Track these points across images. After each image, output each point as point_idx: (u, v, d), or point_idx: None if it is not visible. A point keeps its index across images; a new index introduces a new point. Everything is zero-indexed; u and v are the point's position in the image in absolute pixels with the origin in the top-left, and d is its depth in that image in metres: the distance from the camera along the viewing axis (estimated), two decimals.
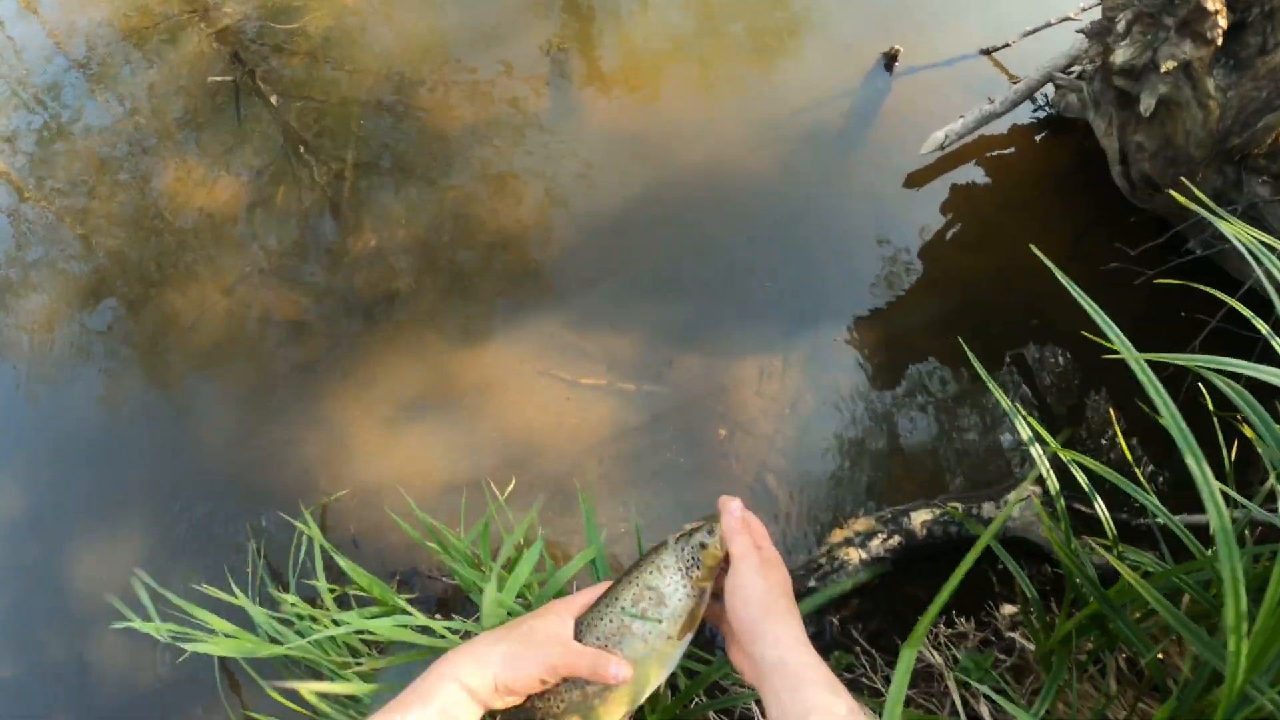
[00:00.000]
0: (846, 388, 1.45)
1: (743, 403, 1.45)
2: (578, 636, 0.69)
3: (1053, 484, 0.88)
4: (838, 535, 1.26)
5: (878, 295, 1.56)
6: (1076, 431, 1.38)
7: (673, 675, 0.75)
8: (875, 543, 1.23)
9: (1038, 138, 1.78)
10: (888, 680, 1.12)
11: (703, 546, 0.73)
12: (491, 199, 1.79)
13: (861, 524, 1.26)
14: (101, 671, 1.34)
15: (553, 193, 1.79)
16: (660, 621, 0.71)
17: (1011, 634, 1.16)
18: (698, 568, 0.72)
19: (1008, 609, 1.19)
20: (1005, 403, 0.87)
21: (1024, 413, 0.88)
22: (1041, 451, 0.88)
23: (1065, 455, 0.84)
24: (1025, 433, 0.87)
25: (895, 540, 1.23)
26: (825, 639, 1.20)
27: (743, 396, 1.46)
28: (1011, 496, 1.29)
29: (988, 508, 1.27)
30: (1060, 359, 1.47)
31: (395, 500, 1.41)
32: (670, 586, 0.72)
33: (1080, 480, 0.86)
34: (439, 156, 1.88)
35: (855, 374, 1.46)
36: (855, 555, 1.22)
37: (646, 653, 0.70)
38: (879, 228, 1.65)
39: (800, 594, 1.21)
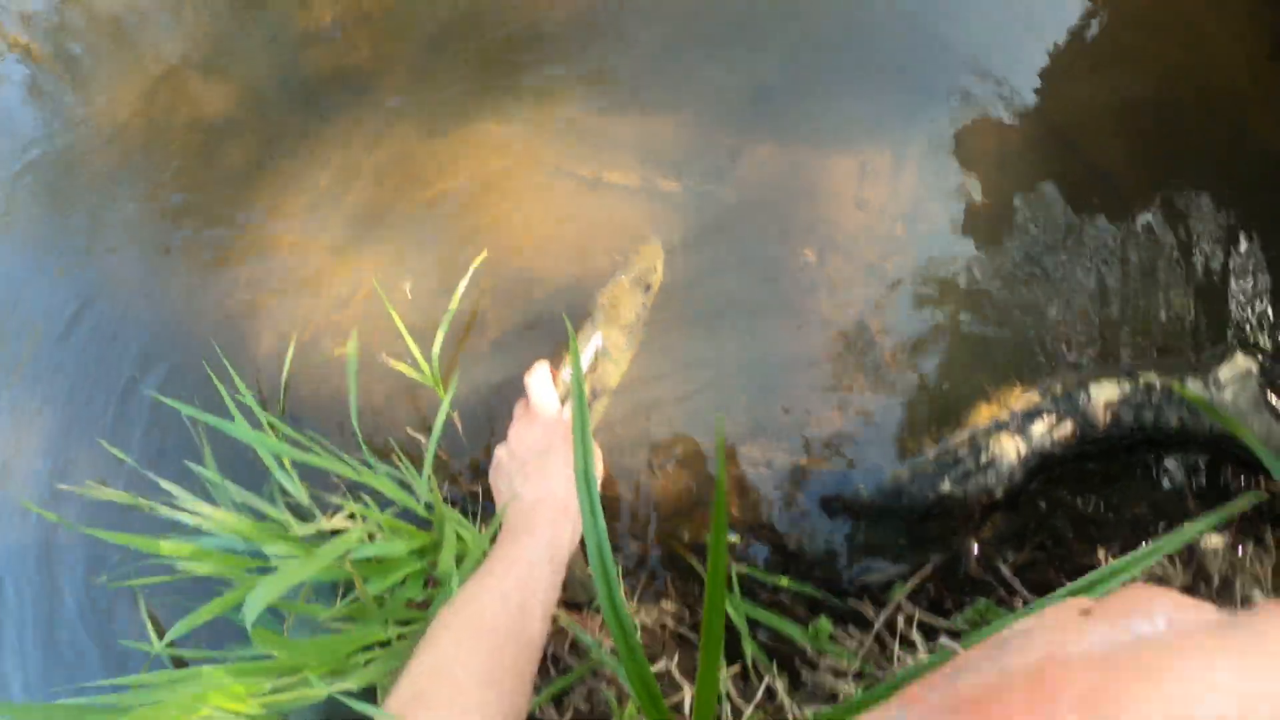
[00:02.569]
0: (986, 199, 1.00)
1: (838, 214, 1.00)
2: None
3: None
4: (983, 413, 0.85)
5: (1036, 62, 1.07)
6: None
7: None
8: (1039, 428, 0.83)
9: None
10: None
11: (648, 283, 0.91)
12: None
13: (1019, 398, 0.85)
14: None
15: None
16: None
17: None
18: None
19: (1214, 540, 0.82)
20: None
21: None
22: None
23: None
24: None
25: (1068, 427, 0.83)
26: (960, 572, 0.82)
27: (838, 205, 1.00)
28: (1223, 374, 0.88)
29: (1193, 386, 0.86)
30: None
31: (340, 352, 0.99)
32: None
33: None
34: None
35: (997, 179, 1.01)
36: (1011, 446, 0.82)
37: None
38: None
39: (922, 508, 0.82)
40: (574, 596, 0.83)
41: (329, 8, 1.22)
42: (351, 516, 0.82)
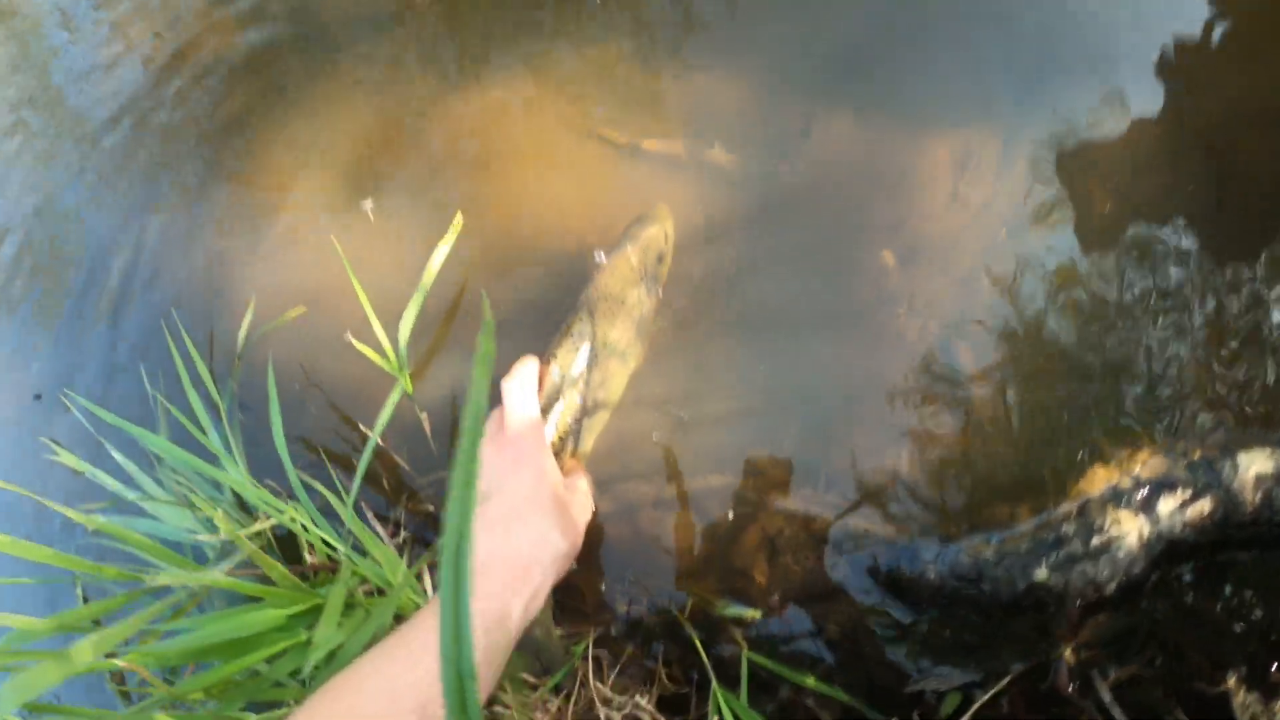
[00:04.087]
0: (1110, 211, 0.81)
1: (929, 211, 0.81)
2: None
3: None
4: (1098, 479, 0.67)
5: (1189, 56, 0.87)
6: None
7: None
8: (1168, 504, 0.65)
9: None
10: None
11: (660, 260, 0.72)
12: None
13: (1145, 463, 0.67)
14: None
15: None
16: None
17: None
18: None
19: None
20: None
21: None
22: None
23: None
24: None
25: (1206, 504, 0.65)
26: (1044, 686, 0.64)
27: (929, 200, 0.82)
28: None
29: None
30: None
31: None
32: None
33: None
34: None
35: (1127, 189, 0.82)
36: (1134, 526, 0.64)
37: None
38: None
39: (1007, 599, 0.64)
40: (515, 671, 0.66)
41: None
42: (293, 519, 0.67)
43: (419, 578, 0.69)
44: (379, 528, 0.74)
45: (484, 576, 0.53)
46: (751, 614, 0.69)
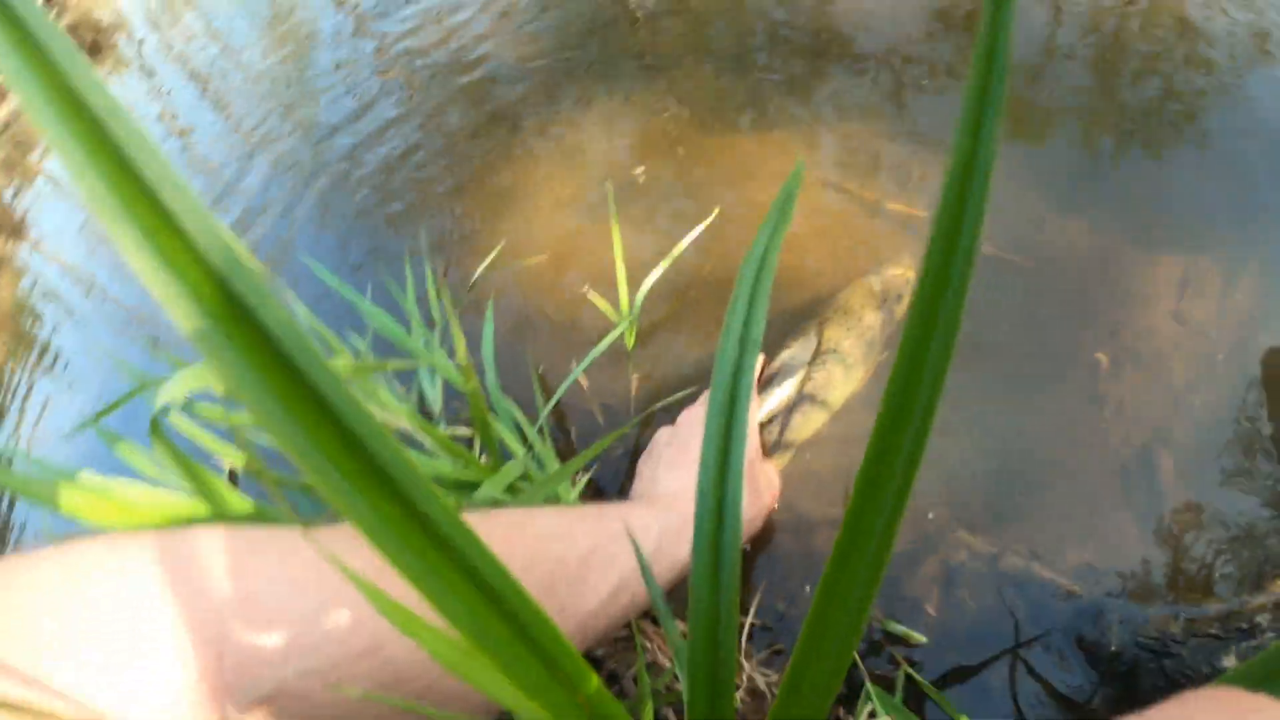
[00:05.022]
0: None
1: (1146, 321, 0.86)
2: None
3: None
4: None
5: None
6: None
7: None
8: None
9: None
10: None
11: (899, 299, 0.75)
12: None
13: None
14: None
15: None
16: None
17: None
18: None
19: None
20: None
21: None
22: None
23: None
24: None
25: None
26: None
27: (1150, 313, 0.86)
28: None
29: None
30: None
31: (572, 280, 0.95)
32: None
33: None
34: None
35: None
36: None
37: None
38: None
39: (1188, 683, 0.68)
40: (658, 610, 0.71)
41: None
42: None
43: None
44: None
45: (673, 503, 0.57)
46: (918, 638, 0.71)
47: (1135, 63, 1.08)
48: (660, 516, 0.55)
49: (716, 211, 0.91)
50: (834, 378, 0.73)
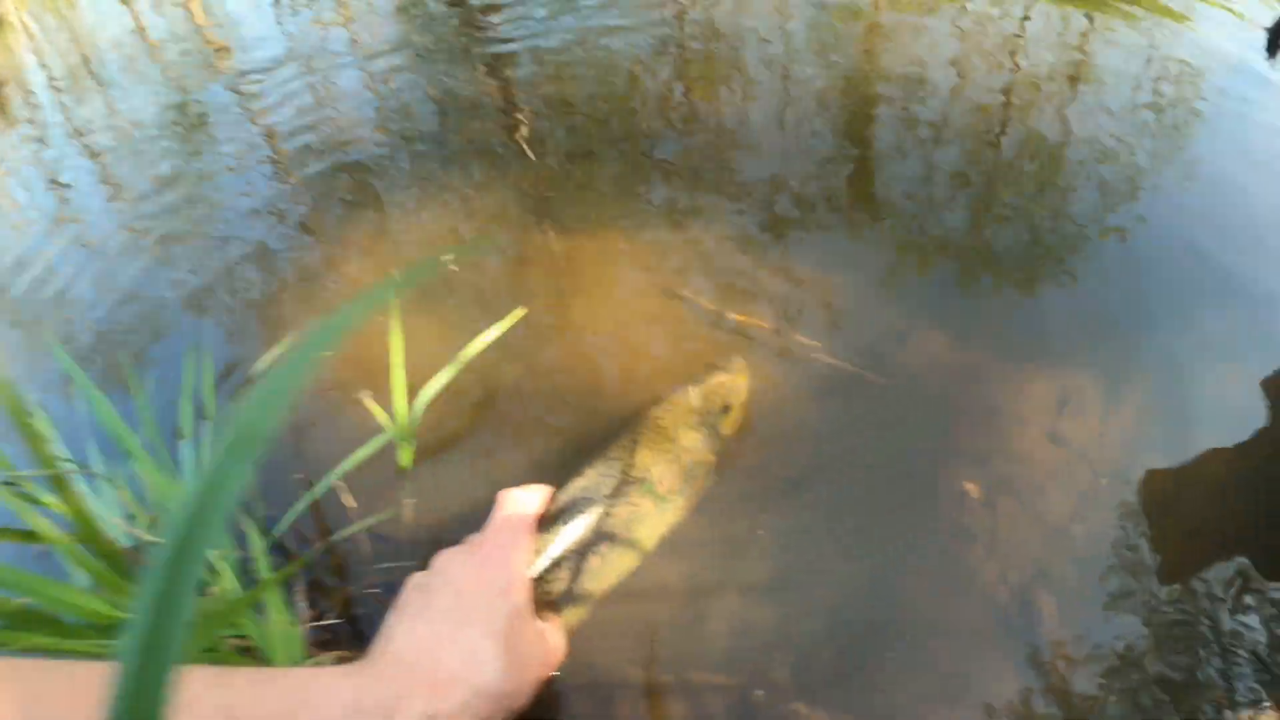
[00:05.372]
0: (1228, 478, 0.74)
1: (1020, 445, 0.77)
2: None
3: None
4: None
5: None
6: None
7: None
8: None
9: None
10: None
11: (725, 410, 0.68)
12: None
13: None
14: None
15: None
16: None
17: None
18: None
19: None
20: None
21: None
22: None
23: None
24: None
25: None
26: None
27: (1024, 436, 0.77)
28: None
29: None
30: None
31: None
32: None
33: None
34: None
35: (1253, 458, 0.75)
36: None
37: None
38: None
39: None
40: None
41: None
42: None
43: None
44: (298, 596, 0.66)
45: (389, 664, 0.46)
46: None
47: (1008, 188, 1.05)
48: (367, 688, 0.43)
49: (522, 313, 0.79)
50: (642, 512, 0.61)
